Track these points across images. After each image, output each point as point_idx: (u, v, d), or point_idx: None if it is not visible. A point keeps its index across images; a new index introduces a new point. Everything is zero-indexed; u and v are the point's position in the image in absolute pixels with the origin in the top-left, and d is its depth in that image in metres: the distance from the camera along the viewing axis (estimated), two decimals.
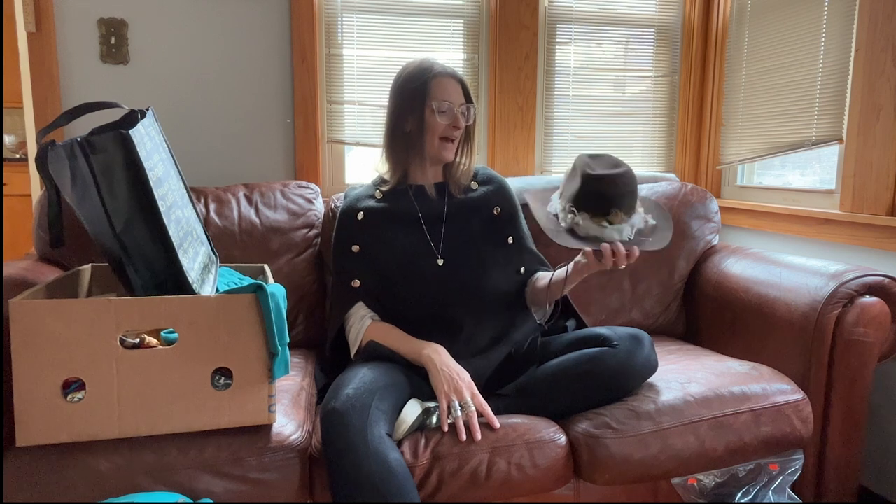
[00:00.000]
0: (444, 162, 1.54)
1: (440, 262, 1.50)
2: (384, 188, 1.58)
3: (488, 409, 1.29)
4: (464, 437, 1.24)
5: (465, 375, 1.33)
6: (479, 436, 1.25)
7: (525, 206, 1.59)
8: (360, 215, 1.54)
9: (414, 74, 1.50)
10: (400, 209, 1.54)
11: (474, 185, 1.61)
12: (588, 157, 1.40)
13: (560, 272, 1.45)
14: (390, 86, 1.54)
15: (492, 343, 1.47)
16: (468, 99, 1.52)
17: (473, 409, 1.28)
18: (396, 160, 1.55)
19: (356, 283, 1.50)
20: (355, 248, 1.52)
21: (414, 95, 1.48)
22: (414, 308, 1.47)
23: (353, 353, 1.47)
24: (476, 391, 1.31)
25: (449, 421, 1.27)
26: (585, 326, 1.61)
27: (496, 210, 1.57)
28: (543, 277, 1.54)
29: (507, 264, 1.54)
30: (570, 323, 1.62)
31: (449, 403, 1.28)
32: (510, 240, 1.56)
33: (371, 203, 1.56)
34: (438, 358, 1.34)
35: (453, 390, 1.29)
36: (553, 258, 1.68)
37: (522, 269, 1.57)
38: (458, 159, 1.56)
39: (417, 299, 1.47)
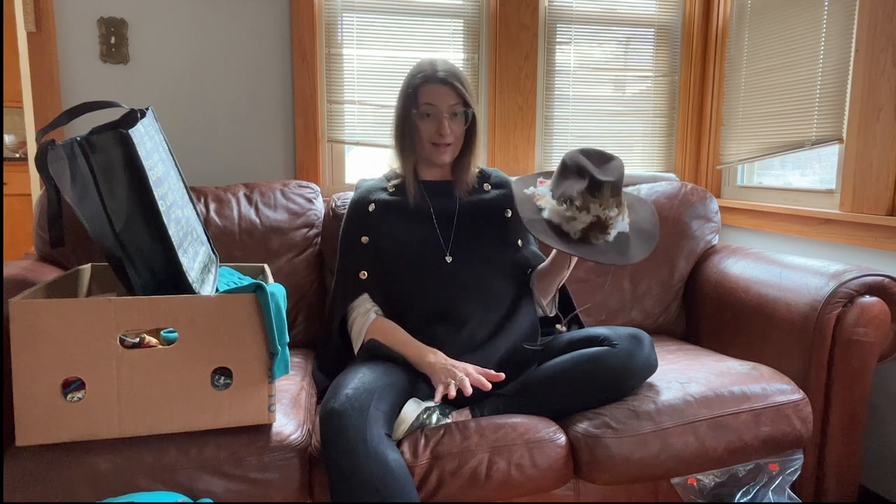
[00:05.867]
0: (437, 164, 1.55)
1: (449, 259, 1.50)
2: (397, 182, 1.58)
3: (483, 378, 1.30)
4: (453, 393, 1.25)
5: (463, 363, 1.34)
6: (468, 390, 1.26)
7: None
8: (372, 207, 1.54)
9: (409, 78, 1.52)
10: (412, 204, 1.54)
11: (487, 187, 1.61)
12: (582, 155, 1.44)
13: (545, 264, 1.55)
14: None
15: (491, 336, 1.47)
16: (466, 104, 1.48)
17: (466, 379, 1.29)
18: (404, 158, 1.56)
19: (363, 274, 1.50)
20: (364, 239, 1.52)
21: (406, 100, 1.50)
22: (419, 302, 1.47)
23: (356, 348, 1.47)
24: (472, 371, 1.32)
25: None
26: (583, 326, 1.61)
27: (507, 213, 1.58)
28: (540, 269, 1.59)
29: (514, 266, 1.55)
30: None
31: (446, 384, 1.29)
32: (519, 242, 1.57)
33: (383, 196, 1.56)
34: (437, 361, 1.35)
35: (448, 375, 1.30)
36: None
37: (529, 271, 1.59)
38: (461, 164, 1.56)
39: (423, 294, 1.47)
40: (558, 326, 1.49)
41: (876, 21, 1.66)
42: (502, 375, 1.33)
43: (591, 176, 1.37)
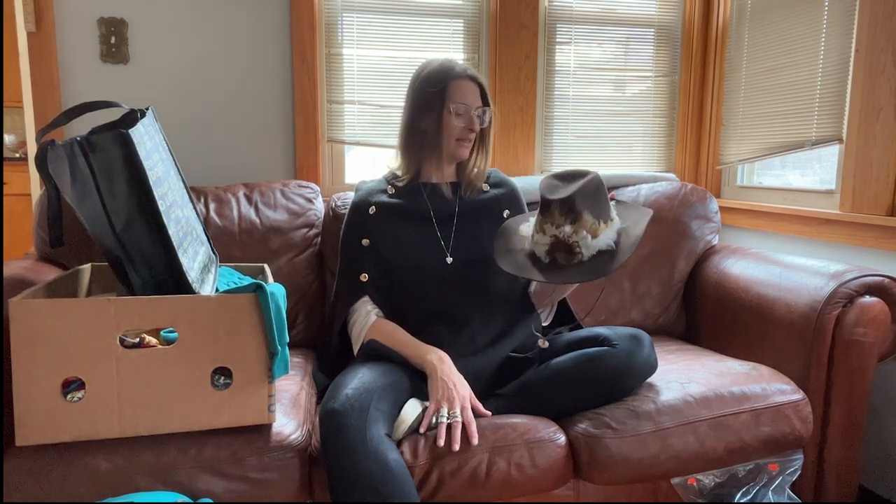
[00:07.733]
0: (458, 160, 1.56)
1: (449, 260, 1.50)
2: (397, 184, 1.58)
3: (473, 427, 1.26)
4: (442, 442, 1.22)
5: (464, 390, 1.31)
6: (456, 446, 1.22)
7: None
8: (372, 209, 1.55)
9: (434, 74, 1.51)
10: (412, 206, 1.55)
11: (486, 187, 1.62)
12: (552, 178, 1.41)
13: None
14: (408, 84, 1.56)
15: (493, 341, 1.47)
16: (485, 102, 1.53)
17: (460, 420, 1.25)
18: (411, 158, 1.57)
19: (364, 276, 1.50)
20: (365, 241, 1.52)
21: (433, 96, 1.50)
22: (420, 304, 1.47)
23: (355, 349, 1.47)
24: (468, 405, 1.29)
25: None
26: (582, 327, 1.61)
27: (505, 213, 1.58)
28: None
29: None
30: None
31: (438, 409, 1.27)
32: None
33: (383, 198, 1.57)
34: (441, 366, 1.33)
35: (446, 399, 1.28)
36: None
37: None
38: (472, 160, 1.58)
39: (424, 295, 1.47)
40: (540, 342, 1.46)
41: (876, 21, 1.66)
42: (489, 413, 1.32)
43: (542, 197, 1.36)
